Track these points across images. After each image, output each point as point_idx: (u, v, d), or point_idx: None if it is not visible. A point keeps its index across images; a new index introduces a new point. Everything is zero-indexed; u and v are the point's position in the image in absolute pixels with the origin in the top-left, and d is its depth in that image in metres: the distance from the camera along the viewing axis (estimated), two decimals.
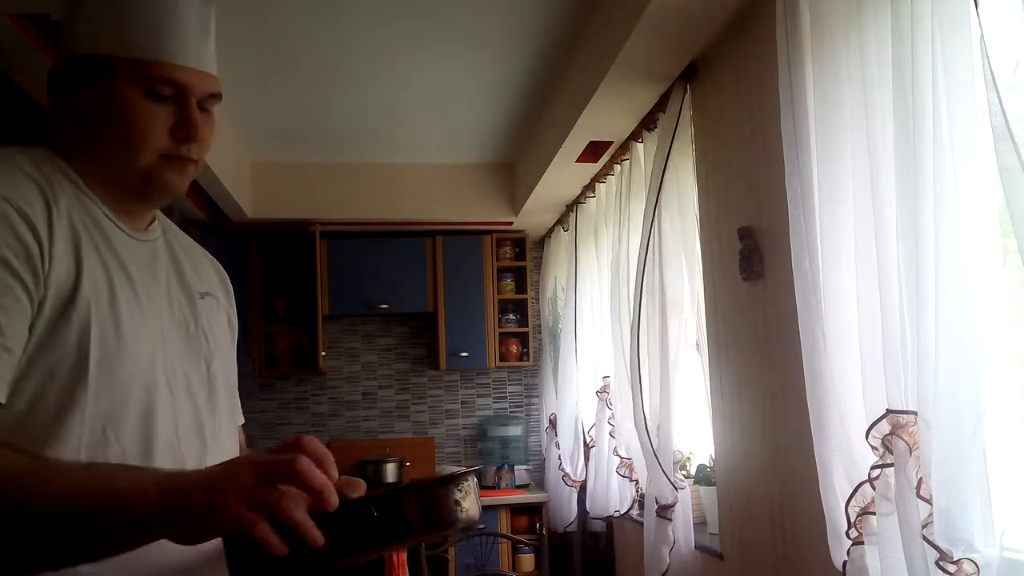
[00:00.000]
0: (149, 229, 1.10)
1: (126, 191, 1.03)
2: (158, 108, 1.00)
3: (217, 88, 1.07)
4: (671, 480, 2.98)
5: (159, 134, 1.01)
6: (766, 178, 2.36)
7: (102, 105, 1.00)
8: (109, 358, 0.94)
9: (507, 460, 5.17)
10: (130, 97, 0.99)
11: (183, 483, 0.79)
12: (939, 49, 1.52)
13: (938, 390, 1.51)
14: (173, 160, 1.03)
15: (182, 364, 1.05)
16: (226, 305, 1.22)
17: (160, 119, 1.01)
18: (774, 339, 2.35)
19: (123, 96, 0.99)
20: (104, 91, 0.99)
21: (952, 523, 1.48)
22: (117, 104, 0.99)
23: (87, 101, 1.00)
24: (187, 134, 1.02)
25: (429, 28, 3.18)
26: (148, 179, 1.02)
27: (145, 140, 1.00)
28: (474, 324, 5.09)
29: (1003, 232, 1.61)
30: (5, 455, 0.83)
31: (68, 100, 1.02)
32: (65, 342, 0.92)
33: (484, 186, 5.00)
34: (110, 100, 0.99)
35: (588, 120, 3.38)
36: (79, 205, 0.99)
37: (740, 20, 2.52)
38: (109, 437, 0.94)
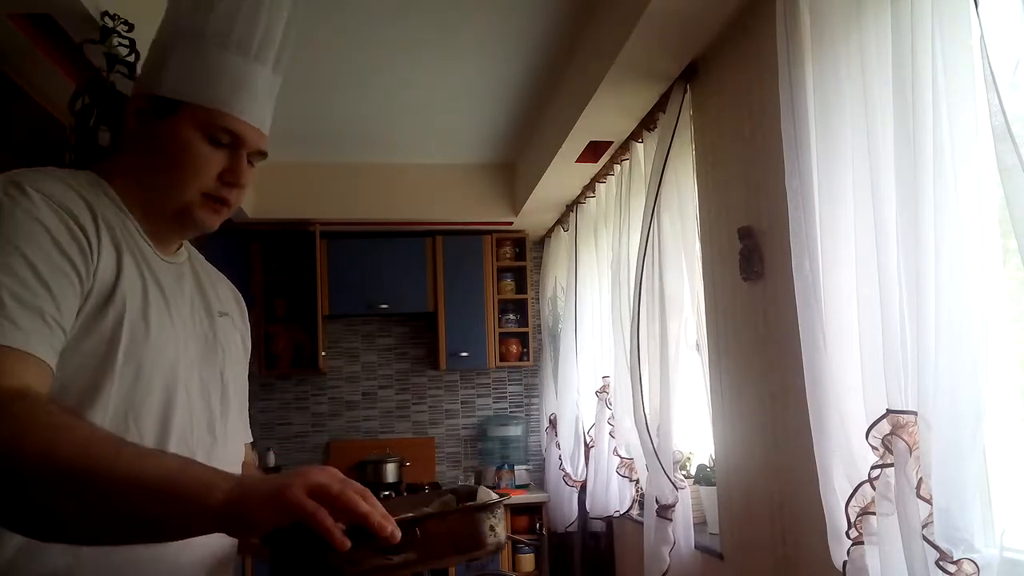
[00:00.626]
0: (176, 253, 1.21)
1: (163, 219, 1.14)
2: (214, 153, 1.12)
3: (266, 147, 1.19)
4: (671, 480, 2.98)
5: (209, 175, 1.12)
6: (766, 178, 2.36)
7: (165, 140, 1.11)
8: (136, 352, 1.03)
9: (507, 460, 5.17)
10: (193, 139, 1.11)
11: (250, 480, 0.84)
12: (939, 49, 1.52)
13: (938, 390, 1.51)
14: (213, 200, 1.14)
15: (200, 370, 1.14)
16: (241, 326, 1.32)
17: (213, 163, 1.12)
18: (774, 339, 2.35)
19: (187, 136, 1.11)
20: (171, 129, 1.11)
21: (952, 523, 1.48)
22: (180, 142, 1.11)
23: (153, 134, 1.12)
24: (234, 180, 1.14)
25: (429, 28, 3.18)
26: (186, 212, 1.13)
27: (196, 177, 1.11)
28: (474, 324, 5.09)
29: (1003, 232, 1.61)
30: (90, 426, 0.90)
31: (136, 130, 1.14)
32: (100, 333, 1.00)
33: (484, 186, 5.00)
34: (174, 137, 1.11)
35: (588, 120, 3.38)
36: (119, 222, 1.09)
37: (740, 20, 2.52)
38: (130, 425, 1.01)
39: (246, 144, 1.14)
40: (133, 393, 1.02)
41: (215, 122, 1.11)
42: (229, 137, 1.12)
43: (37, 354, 0.91)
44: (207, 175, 1.12)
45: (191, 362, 1.13)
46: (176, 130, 1.11)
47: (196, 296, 1.21)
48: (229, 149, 1.13)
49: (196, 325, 1.17)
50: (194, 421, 1.11)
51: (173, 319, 1.11)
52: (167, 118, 1.11)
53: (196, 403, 1.12)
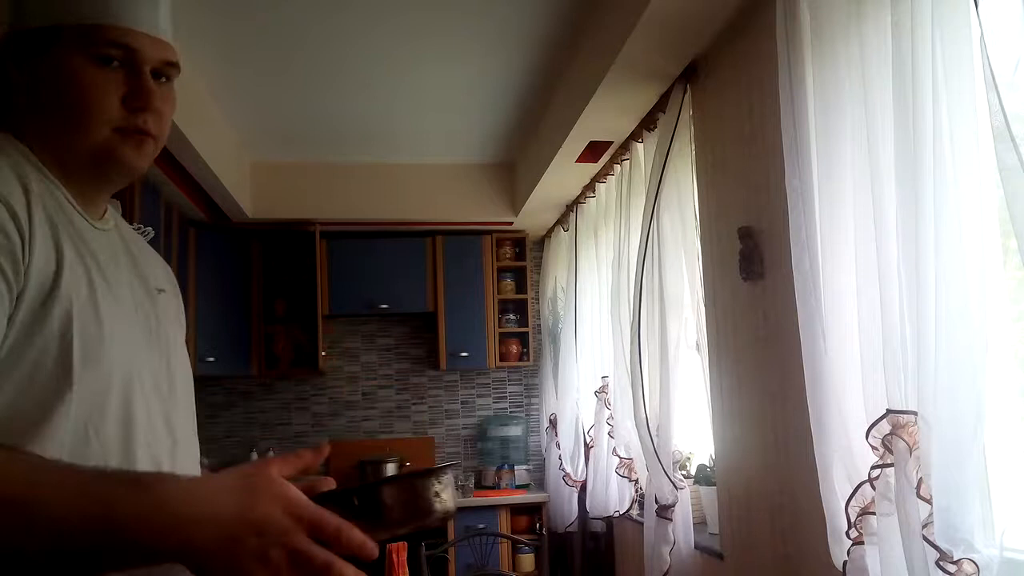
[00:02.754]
0: (104, 218, 1.04)
1: (82, 172, 0.97)
2: (108, 76, 0.95)
3: (174, 57, 1.01)
4: (671, 480, 2.98)
5: (110, 104, 0.95)
6: (766, 178, 2.36)
7: (52, 78, 0.95)
8: (91, 351, 0.90)
9: (507, 460, 5.17)
10: (77, 66, 0.94)
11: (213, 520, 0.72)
12: (939, 49, 1.52)
13: (938, 390, 1.51)
14: (129, 134, 0.97)
15: (147, 359, 1.00)
16: (175, 301, 1.16)
17: (110, 88, 0.95)
18: (774, 339, 2.35)
19: (71, 66, 0.94)
20: (53, 63, 0.95)
21: (952, 523, 1.48)
22: (65, 75, 0.94)
23: (38, 75, 0.96)
24: (141, 104, 0.96)
25: (429, 28, 3.18)
26: (103, 155, 0.96)
27: (94, 110, 0.94)
28: (474, 324, 5.09)
29: (1003, 232, 1.61)
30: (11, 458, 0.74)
31: (18, 77, 0.97)
32: (47, 335, 0.86)
33: (484, 186, 5.00)
34: (59, 71, 0.94)
35: (588, 120, 3.38)
36: (47, 192, 0.93)
37: (740, 20, 2.52)
38: (90, 435, 0.88)
39: (142, 56, 0.97)
40: (92, 397, 0.89)
41: (95, 38, 0.94)
42: (119, 51, 0.95)
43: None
44: (107, 105, 0.95)
45: (138, 352, 0.98)
46: (57, 62, 0.94)
47: (132, 272, 1.04)
48: (125, 68, 0.96)
49: (138, 308, 1.01)
50: (153, 422, 0.97)
51: (119, 304, 0.97)
52: (48, 52, 0.95)
53: (152, 400, 0.98)
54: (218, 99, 3.78)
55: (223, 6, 2.95)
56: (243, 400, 5.17)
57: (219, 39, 3.19)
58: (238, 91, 3.73)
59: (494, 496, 4.81)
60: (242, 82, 3.63)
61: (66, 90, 0.94)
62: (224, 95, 3.75)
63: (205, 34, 3.12)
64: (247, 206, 4.57)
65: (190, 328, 4.75)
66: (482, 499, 4.77)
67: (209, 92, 3.68)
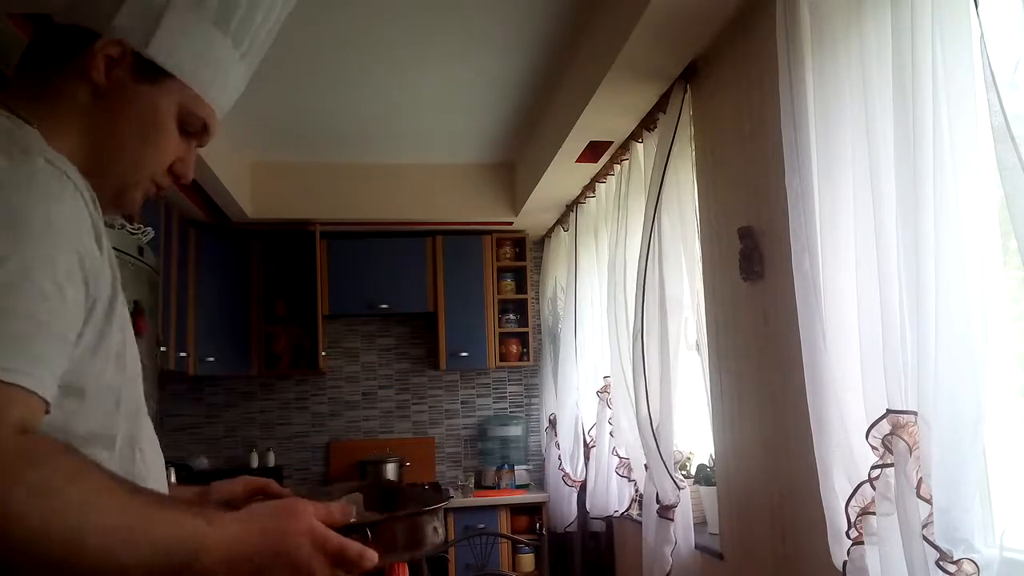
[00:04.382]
0: None
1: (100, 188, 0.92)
2: (178, 140, 1.01)
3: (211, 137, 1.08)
4: (674, 480, 2.98)
5: (164, 162, 1.00)
6: (766, 178, 2.36)
7: (138, 108, 0.97)
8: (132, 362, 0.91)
9: (507, 460, 5.17)
10: (167, 117, 0.99)
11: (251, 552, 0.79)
12: (939, 49, 1.52)
13: (938, 390, 1.51)
14: (152, 188, 1.01)
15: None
16: None
17: (173, 149, 1.01)
18: (774, 339, 2.35)
19: (162, 113, 0.98)
20: (148, 98, 0.97)
21: (952, 523, 1.48)
22: (154, 116, 0.98)
23: (123, 95, 0.95)
24: (183, 173, 1.03)
25: (429, 28, 3.18)
26: (123, 189, 0.98)
27: (155, 159, 0.99)
28: (474, 324, 5.09)
29: (1003, 232, 1.61)
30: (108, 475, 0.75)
31: (104, 84, 0.94)
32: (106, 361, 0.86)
33: (484, 186, 5.00)
34: (151, 109, 0.97)
35: (588, 120, 3.38)
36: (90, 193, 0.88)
37: (740, 20, 2.52)
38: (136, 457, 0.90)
39: (206, 138, 1.04)
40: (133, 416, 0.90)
41: (194, 108, 1.00)
42: (198, 127, 1.02)
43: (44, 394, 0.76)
44: (163, 161, 1.00)
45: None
46: (154, 102, 0.97)
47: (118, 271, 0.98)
48: (189, 140, 1.03)
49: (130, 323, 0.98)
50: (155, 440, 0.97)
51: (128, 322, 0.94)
52: (145, 83, 0.96)
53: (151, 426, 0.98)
54: None
55: None
56: (243, 400, 5.17)
57: None
58: None
59: (494, 496, 4.81)
60: None
61: (146, 129, 0.97)
62: None
63: None
64: (247, 206, 4.57)
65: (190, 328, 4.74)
66: (482, 499, 4.77)
67: None
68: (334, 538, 0.83)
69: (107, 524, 0.70)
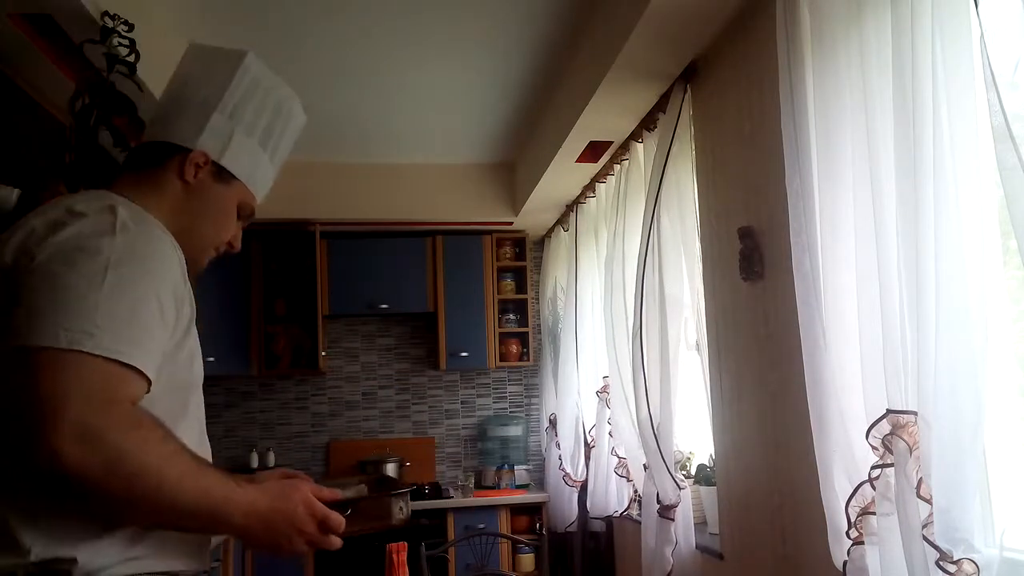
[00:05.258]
0: None
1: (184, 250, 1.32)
2: (235, 223, 1.41)
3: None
4: (674, 479, 2.98)
5: (223, 240, 1.40)
6: (766, 178, 2.36)
7: (215, 201, 1.36)
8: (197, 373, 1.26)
9: (507, 460, 5.17)
10: (231, 209, 1.39)
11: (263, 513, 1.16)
12: (939, 49, 1.52)
13: (938, 390, 1.51)
14: (214, 253, 1.41)
15: None
16: None
17: (231, 230, 1.41)
18: (774, 339, 2.35)
19: (230, 206, 1.39)
20: (223, 195, 1.37)
21: (952, 523, 1.48)
22: (224, 208, 1.38)
23: (204, 190, 1.35)
24: (235, 245, 1.43)
25: (429, 28, 3.18)
26: (198, 259, 1.38)
27: (220, 237, 1.39)
28: (474, 324, 5.09)
29: (1003, 232, 1.61)
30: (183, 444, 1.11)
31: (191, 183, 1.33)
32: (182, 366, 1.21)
33: (484, 186, 5.00)
34: (223, 202, 1.37)
35: (588, 120, 3.38)
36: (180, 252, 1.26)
37: (740, 20, 2.52)
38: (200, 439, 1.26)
39: (250, 219, 1.45)
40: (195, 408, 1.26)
41: (248, 202, 1.41)
42: (248, 213, 1.43)
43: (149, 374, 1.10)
44: (226, 238, 1.40)
45: None
46: (226, 197, 1.37)
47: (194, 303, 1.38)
48: (240, 219, 1.42)
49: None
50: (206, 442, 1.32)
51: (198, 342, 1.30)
52: (220, 184, 1.36)
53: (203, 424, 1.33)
54: None
55: (224, 7, 2.95)
56: (243, 400, 5.17)
57: (220, 40, 3.18)
58: None
59: (494, 496, 4.81)
60: None
61: (219, 216, 1.38)
62: None
63: (206, 34, 3.12)
64: None
65: None
66: (482, 499, 4.77)
67: None
68: (320, 506, 1.20)
69: (175, 473, 1.06)
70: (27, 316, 1.03)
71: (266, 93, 1.43)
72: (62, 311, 1.03)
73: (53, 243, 1.09)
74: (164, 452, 1.06)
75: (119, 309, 1.06)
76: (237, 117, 1.38)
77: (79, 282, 1.05)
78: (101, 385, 1.02)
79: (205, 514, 1.09)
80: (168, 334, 1.15)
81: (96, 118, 2.39)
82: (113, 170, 2.48)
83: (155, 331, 1.11)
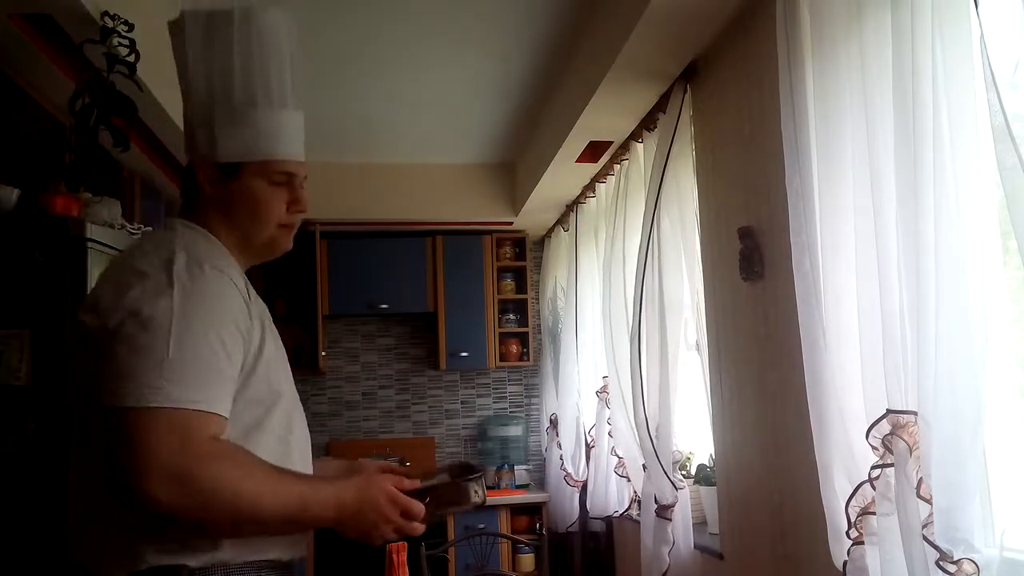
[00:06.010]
0: None
1: (255, 253, 1.45)
2: (277, 191, 1.40)
3: (306, 171, 1.45)
4: (671, 480, 2.98)
5: (280, 209, 1.41)
6: (766, 178, 2.36)
7: (240, 196, 1.38)
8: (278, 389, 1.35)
9: (507, 460, 5.17)
10: (258, 187, 1.38)
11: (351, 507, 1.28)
12: (939, 49, 1.52)
13: (938, 390, 1.51)
14: (288, 228, 1.44)
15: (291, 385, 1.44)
16: None
17: (279, 199, 1.40)
18: (774, 339, 2.35)
19: (254, 187, 1.38)
20: (240, 186, 1.38)
21: (952, 523, 1.48)
22: (251, 194, 1.38)
23: (228, 193, 1.38)
24: (300, 209, 1.43)
25: (429, 29, 3.18)
26: (272, 242, 1.44)
27: (271, 215, 1.40)
28: (474, 324, 5.09)
29: (1003, 232, 1.61)
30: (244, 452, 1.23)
31: (213, 193, 1.38)
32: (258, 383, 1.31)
33: (484, 186, 5.00)
34: (245, 191, 1.38)
35: (588, 120, 3.38)
36: (238, 272, 1.37)
37: (740, 20, 2.52)
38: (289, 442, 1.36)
39: (297, 177, 1.42)
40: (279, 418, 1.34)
41: (273, 169, 1.38)
42: (284, 176, 1.40)
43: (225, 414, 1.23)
44: (279, 210, 1.40)
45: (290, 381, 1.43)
46: (245, 186, 1.38)
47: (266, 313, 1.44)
48: (287, 184, 1.40)
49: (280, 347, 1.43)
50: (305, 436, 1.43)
51: (280, 350, 1.40)
52: (233, 178, 1.37)
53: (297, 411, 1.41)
54: None
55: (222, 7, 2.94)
56: None
57: None
58: None
59: (494, 496, 4.81)
60: None
61: (252, 205, 1.39)
62: None
63: None
64: None
65: None
66: None
67: None
68: (401, 496, 1.31)
69: (253, 490, 1.18)
70: (113, 379, 1.18)
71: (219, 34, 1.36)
72: (140, 371, 1.17)
73: (124, 307, 1.21)
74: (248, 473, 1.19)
75: (185, 359, 1.19)
76: (212, 104, 1.36)
77: (151, 342, 1.18)
78: (180, 433, 1.15)
79: (296, 516, 1.23)
80: (238, 366, 1.27)
81: (96, 118, 2.39)
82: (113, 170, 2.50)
83: (223, 369, 1.23)
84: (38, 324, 2.28)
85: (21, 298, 2.30)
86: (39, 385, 2.25)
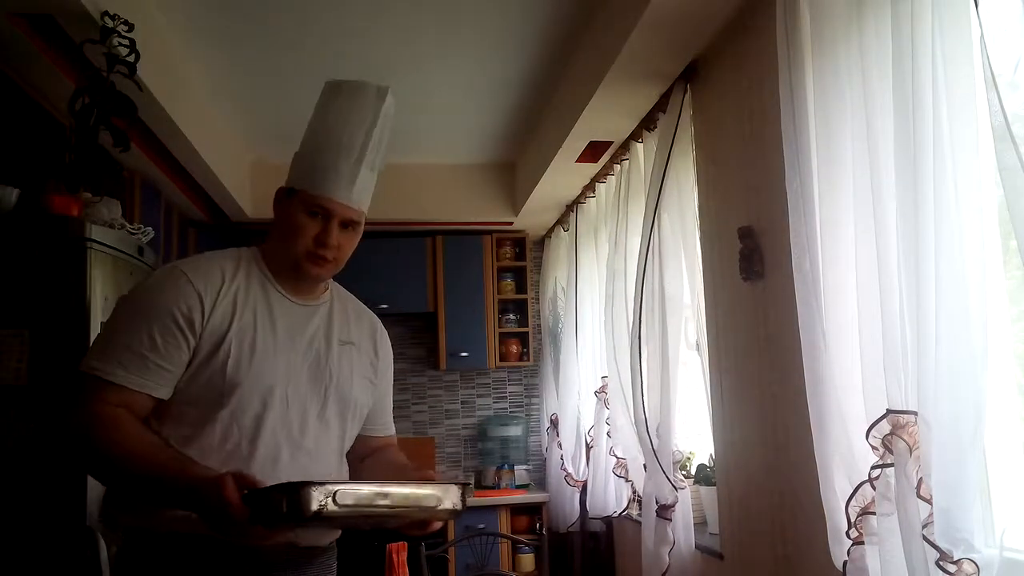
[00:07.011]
0: (317, 296, 1.67)
1: (287, 273, 1.60)
2: (310, 222, 1.56)
3: (356, 217, 1.61)
4: (671, 480, 2.98)
5: (307, 238, 1.55)
6: (766, 178, 2.36)
7: (285, 216, 1.59)
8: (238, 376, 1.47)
9: (507, 460, 5.17)
10: (296, 213, 1.57)
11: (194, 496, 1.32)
12: (939, 49, 1.52)
13: (938, 390, 1.51)
14: (312, 259, 1.56)
15: (306, 388, 1.56)
16: (370, 352, 1.74)
17: (309, 229, 1.56)
18: (774, 339, 2.35)
19: (294, 212, 1.57)
20: (288, 208, 1.59)
21: (952, 523, 1.48)
22: (289, 217, 1.58)
23: (279, 213, 1.61)
24: (323, 241, 1.56)
25: (429, 28, 3.18)
26: (297, 266, 1.58)
27: (297, 240, 1.56)
28: (474, 324, 5.09)
29: (1003, 232, 1.61)
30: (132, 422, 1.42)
31: (274, 209, 1.62)
32: (214, 365, 1.47)
33: (484, 186, 5.00)
34: (288, 213, 1.58)
35: (588, 120, 3.38)
36: (256, 284, 1.57)
37: (740, 20, 2.52)
38: (232, 425, 1.47)
39: (333, 215, 1.56)
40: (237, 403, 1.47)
41: (309, 200, 1.55)
42: (320, 210, 1.55)
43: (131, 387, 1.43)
44: (306, 238, 1.55)
45: (296, 382, 1.54)
46: (290, 209, 1.58)
47: (321, 330, 1.62)
48: (322, 219, 1.56)
49: (309, 353, 1.58)
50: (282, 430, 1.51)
51: (278, 350, 1.53)
52: (287, 200, 1.59)
53: (292, 415, 1.53)
54: (218, 99, 3.78)
55: (224, 6, 2.95)
56: None
57: (220, 39, 3.19)
58: (238, 91, 3.73)
59: (494, 496, 4.81)
60: (242, 82, 3.62)
61: (289, 226, 1.57)
62: (224, 95, 3.75)
63: (206, 34, 3.12)
64: (247, 206, 4.57)
65: None
66: (482, 499, 4.76)
67: (209, 92, 3.68)
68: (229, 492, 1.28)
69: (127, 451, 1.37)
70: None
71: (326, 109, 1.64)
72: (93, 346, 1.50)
73: None
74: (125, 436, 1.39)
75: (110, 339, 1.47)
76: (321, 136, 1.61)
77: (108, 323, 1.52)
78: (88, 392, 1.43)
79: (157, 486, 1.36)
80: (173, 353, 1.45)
81: (96, 118, 2.39)
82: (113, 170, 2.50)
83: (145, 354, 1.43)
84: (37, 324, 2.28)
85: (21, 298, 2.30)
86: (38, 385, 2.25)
